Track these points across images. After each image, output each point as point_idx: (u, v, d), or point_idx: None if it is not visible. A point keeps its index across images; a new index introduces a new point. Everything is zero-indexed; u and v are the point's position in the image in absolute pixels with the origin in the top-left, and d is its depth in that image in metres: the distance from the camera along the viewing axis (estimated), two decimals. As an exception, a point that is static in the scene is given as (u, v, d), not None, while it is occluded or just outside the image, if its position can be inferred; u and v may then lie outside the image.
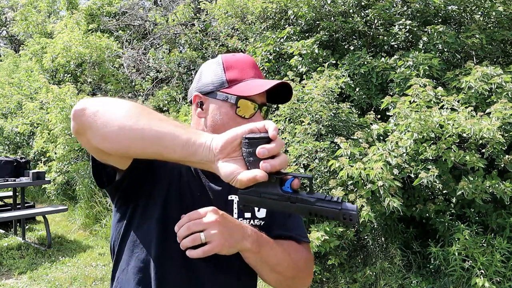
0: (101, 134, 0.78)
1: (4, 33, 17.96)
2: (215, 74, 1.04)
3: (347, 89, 4.26)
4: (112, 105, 0.80)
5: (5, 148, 9.25)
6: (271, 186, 0.71)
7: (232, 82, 1.02)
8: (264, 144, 0.70)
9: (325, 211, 0.67)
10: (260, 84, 1.00)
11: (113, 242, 1.07)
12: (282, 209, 0.71)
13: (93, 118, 0.78)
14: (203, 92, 1.04)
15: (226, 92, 1.01)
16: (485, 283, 2.95)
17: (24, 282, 4.00)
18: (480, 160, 3.14)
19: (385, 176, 3.08)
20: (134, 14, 8.74)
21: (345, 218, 0.66)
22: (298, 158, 3.83)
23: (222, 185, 1.05)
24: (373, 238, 3.84)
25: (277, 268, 1.01)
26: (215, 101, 1.03)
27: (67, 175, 6.76)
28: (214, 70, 1.05)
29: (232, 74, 1.03)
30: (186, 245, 0.90)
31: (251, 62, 1.07)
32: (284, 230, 1.09)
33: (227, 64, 1.04)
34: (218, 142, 0.72)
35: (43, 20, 10.15)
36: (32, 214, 5.09)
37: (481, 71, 3.53)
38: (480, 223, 3.48)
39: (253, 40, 5.51)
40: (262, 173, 0.69)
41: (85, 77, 8.07)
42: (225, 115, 1.01)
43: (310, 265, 1.11)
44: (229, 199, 1.06)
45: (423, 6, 4.72)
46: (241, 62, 1.05)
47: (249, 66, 1.05)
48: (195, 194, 1.02)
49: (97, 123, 0.78)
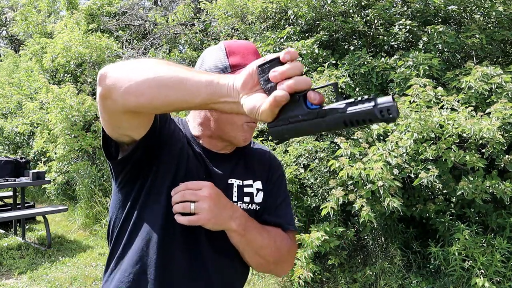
0: (125, 89, 0.77)
1: (4, 33, 17.97)
2: (218, 59, 1.05)
3: (347, 89, 4.26)
4: (133, 63, 0.81)
5: (5, 148, 9.26)
6: (297, 107, 0.64)
7: (235, 67, 1.03)
8: (276, 67, 0.65)
9: (359, 114, 0.59)
10: None
11: (113, 223, 1.07)
12: (316, 129, 0.64)
13: (117, 76, 0.79)
14: None
15: None
16: (485, 283, 2.95)
17: (24, 282, 4.00)
18: (480, 160, 3.14)
19: (385, 176, 3.08)
20: (134, 14, 8.74)
21: (382, 114, 0.58)
22: (298, 158, 3.84)
23: (224, 169, 1.09)
24: (373, 238, 3.84)
25: (260, 252, 1.05)
26: None
27: (67, 175, 6.76)
28: (216, 56, 1.06)
29: (235, 59, 1.04)
30: (176, 210, 0.96)
31: (253, 48, 1.07)
32: (273, 217, 1.13)
33: (230, 49, 1.05)
34: (240, 79, 0.70)
35: (43, 20, 10.14)
36: (32, 214, 5.09)
37: (481, 71, 3.53)
38: (480, 223, 3.48)
39: (253, 40, 5.51)
40: (281, 93, 0.64)
41: (85, 77, 8.06)
42: None
43: (293, 254, 1.16)
44: (229, 182, 1.10)
45: (423, 6, 4.71)
46: (243, 48, 1.06)
47: (251, 52, 1.06)
48: (201, 176, 1.04)
49: (120, 80, 0.78)
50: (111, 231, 1.08)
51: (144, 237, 1.00)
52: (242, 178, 1.12)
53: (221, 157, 1.11)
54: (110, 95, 0.80)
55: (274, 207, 1.15)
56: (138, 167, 1.01)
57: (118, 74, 0.79)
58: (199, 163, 1.07)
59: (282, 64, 0.65)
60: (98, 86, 0.82)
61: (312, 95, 0.64)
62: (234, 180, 1.10)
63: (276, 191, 1.18)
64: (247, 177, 1.13)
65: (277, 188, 1.19)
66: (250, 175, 1.14)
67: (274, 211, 1.14)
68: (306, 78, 0.64)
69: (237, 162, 1.14)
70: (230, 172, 1.11)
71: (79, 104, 6.76)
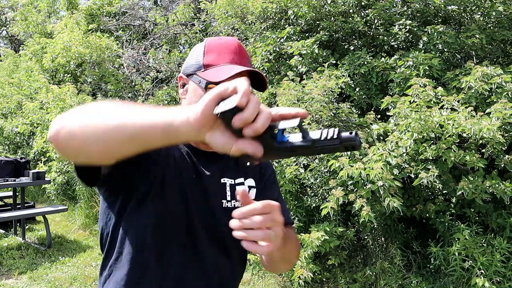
0: (75, 150, 0.73)
1: (4, 33, 17.97)
2: (196, 57, 1.07)
3: (347, 89, 4.26)
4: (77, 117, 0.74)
5: (5, 148, 9.25)
6: (266, 145, 0.66)
7: (207, 66, 1.04)
8: (237, 115, 0.63)
9: (326, 150, 0.64)
10: (228, 70, 1.00)
11: (104, 231, 1.05)
12: (284, 157, 0.69)
13: (66, 138, 0.73)
14: (186, 73, 1.08)
15: (200, 76, 1.04)
16: (485, 283, 2.95)
17: (24, 282, 4.00)
18: (480, 160, 3.14)
19: (385, 176, 3.08)
20: (134, 14, 8.73)
21: (347, 148, 0.64)
22: (298, 158, 3.84)
23: (214, 168, 1.09)
24: (373, 238, 3.84)
25: (288, 257, 1.07)
26: (192, 84, 1.06)
27: (67, 175, 6.75)
28: (197, 53, 1.07)
29: (209, 58, 1.05)
30: (254, 238, 0.78)
31: (233, 47, 1.06)
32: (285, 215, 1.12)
33: (209, 47, 1.06)
34: (196, 116, 0.65)
35: (43, 20, 10.15)
36: (32, 214, 5.09)
37: (481, 71, 3.53)
38: (480, 223, 3.48)
39: (253, 40, 5.51)
40: (250, 146, 0.64)
41: (85, 77, 8.06)
42: (199, 98, 1.00)
43: (299, 248, 1.17)
44: (222, 182, 1.10)
45: (423, 6, 4.72)
46: (221, 47, 1.06)
47: (229, 51, 1.05)
48: (191, 177, 1.04)
49: (69, 142, 0.73)
50: (104, 238, 1.06)
51: (136, 241, 0.99)
52: (234, 177, 1.13)
53: (209, 156, 1.10)
54: (66, 155, 0.77)
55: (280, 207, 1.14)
56: (123, 178, 0.98)
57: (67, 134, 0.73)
58: (187, 163, 1.06)
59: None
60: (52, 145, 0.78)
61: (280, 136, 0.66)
62: (226, 180, 1.11)
63: (270, 186, 1.20)
64: (238, 176, 1.14)
65: (271, 183, 1.21)
66: (241, 173, 1.15)
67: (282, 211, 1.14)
68: (267, 114, 0.64)
69: (227, 160, 1.13)
70: (221, 171, 1.11)
71: (79, 104, 6.76)
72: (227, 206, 1.08)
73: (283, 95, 4.02)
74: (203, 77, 1.02)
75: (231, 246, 1.04)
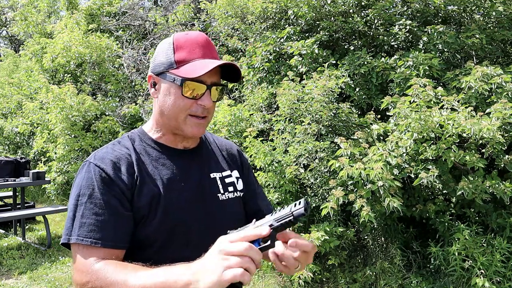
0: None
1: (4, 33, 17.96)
2: (166, 55, 1.07)
3: (347, 89, 4.26)
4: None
5: (5, 148, 9.25)
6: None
7: (180, 63, 1.05)
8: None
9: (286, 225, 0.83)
10: (204, 65, 1.02)
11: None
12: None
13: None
14: (156, 72, 1.08)
15: (174, 73, 1.04)
16: (485, 283, 2.95)
17: (24, 282, 4.00)
18: (480, 160, 3.14)
19: (385, 176, 3.08)
20: (134, 14, 8.73)
21: (298, 219, 0.82)
22: (298, 158, 3.84)
23: (200, 166, 1.14)
24: (373, 238, 3.84)
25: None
26: (165, 82, 1.07)
27: (67, 175, 6.75)
28: (165, 51, 1.07)
29: (180, 55, 1.05)
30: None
31: (202, 41, 1.08)
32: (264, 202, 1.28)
33: (177, 44, 1.06)
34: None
35: (43, 20, 10.13)
36: (32, 214, 5.09)
37: (481, 71, 3.53)
38: (480, 223, 3.48)
39: (253, 40, 5.51)
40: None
41: (85, 77, 8.06)
42: (173, 95, 1.05)
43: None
44: (212, 177, 1.15)
45: (423, 6, 4.71)
46: (190, 42, 1.07)
47: (199, 46, 1.07)
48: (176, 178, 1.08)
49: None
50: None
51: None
52: (220, 170, 1.18)
53: (189, 154, 1.15)
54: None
55: (262, 194, 1.29)
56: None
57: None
58: (171, 174, 1.09)
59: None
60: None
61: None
62: (215, 174, 1.16)
63: (250, 174, 1.29)
64: (223, 169, 1.19)
65: (250, 171, 1.30)
66: (225, 166, 1.21)
67: (261, 197, 1.28)
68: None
69: (208, 156, 1.19)
70: (207, 167, 1.16)
71: (79, 104, 6.76)
72: (222, 199, 1.14)
73: (283, 95, 4.02)
74: (178, 74, 1.03)
75: None
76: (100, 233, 0.96)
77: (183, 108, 1.05)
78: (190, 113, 1.06)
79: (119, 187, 1.00)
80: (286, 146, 3.96)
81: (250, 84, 5.15)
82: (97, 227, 0.96)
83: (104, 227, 0.97)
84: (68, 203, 1.06)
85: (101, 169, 1.01)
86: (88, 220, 0.97)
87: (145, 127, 1.17)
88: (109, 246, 0.96)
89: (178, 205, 1.05)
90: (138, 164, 1.05)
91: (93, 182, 1.00)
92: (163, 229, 1.02)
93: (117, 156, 1.05)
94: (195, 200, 1.08)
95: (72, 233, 0.97)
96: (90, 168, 1.02)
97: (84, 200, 0.99)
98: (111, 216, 0.98)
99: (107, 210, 0.98)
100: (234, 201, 1.17)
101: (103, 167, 1.02)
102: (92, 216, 0.97)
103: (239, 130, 4.49)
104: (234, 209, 1.16)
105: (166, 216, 1.02)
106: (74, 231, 0.97)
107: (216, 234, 1.08)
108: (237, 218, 1.16)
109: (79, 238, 0.96)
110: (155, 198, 1.03)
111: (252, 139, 4.04)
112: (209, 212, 1.10)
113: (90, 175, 1.01)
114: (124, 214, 1.00)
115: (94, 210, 0.98)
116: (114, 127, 6.95)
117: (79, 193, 1.00)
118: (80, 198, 0.99)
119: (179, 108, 1.05)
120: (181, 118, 1.06)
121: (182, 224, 1.05)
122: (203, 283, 0.78)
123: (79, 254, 0.95)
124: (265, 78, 5.02)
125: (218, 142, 1.27)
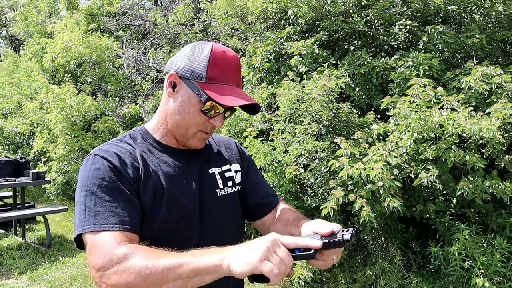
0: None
1: (4, 33, 17.96)
2: (198, 64, 1.04)
3: (347, 89, 4.26)
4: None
5: (5, 148, 9.26)
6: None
7: (210, 80, 1.04)
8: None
9: (333, 245, 0.93)
10: (232, 98, 1.03)
11: None
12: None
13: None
14: (181, 74, 1.06)
15: (201, 87, 1.03)
16: (485, 283, 2.95)
17: (24, 282, 4.00)
18: (480, 160, 3.14)
19: (385, 176, 3.08)
20: (134, 14, 8.73)
21: (344, 244, 0.94)
22: (298, 158, 3.83)
23: (200, 163, 1.16)
24: (373, 238, 3.84)
25: None
26: (187, 89, 1.05)
27: (67, 175, 6.75)
28: (199, 59, 1.05)
29: (213, 73, 1.04)
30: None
31: (235, 65, 1.08)
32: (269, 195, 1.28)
33: (213, 59, 1.04)
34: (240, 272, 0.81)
35: (43, 20, 10.14)
36: (32, 214, 5.09)
37: (481, 71, 3.53)
38: (480, 223, 3.48)
39: (253, 40, 5.51)
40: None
41: (85, 77, 8.06)
42: (191, 106, 1.06)
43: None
44: (211, 172, 1.17)
45: (423, 6, 4.71)
46: (227, 63, 1.06)
47: (233, 70, 1.07)
48: (177, 176, 1.09)
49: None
50: None
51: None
52: (220, 165, 1.20)
53: (191, 152, 1.16)
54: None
55: (264, 186, 1.30)
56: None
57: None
58: (174, 170, 1.10)
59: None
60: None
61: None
62: (214, 169, 1.17)
63: (252, 167, 1.30)
64: (223, 163, 1.21)
65: (252, 163, 1.32)
66: (224, 160, 1.23)
67: (266, 190, 1.29)
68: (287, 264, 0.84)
69: (208, 152, 1.21)
70: (207, 163, 1.18)
71: (79, 104, 6.76)
72: (221, 195, 1.15)
73: (283, 95, 4.01)
74: (206, 91, 1.03)
75: (228, 233, 1.14)
76: (117, 218, 0.94)
77: (197, 122, 1.07)
78: (200, 128, 1.09)
79: (126, 178, 1.00)
80: (286, 146, 3.96)
81: (250, 84, 5.15)
82: (112, 212, 0.94)
83: (119, 213, 0.95)
84: (75, 198, 1.03)
85: (108, 161, 1.00)
86: (102, 208, 0.94)
87: (147, 126, 1.17)
88: (128, 229, 0.94)
89: (180, 202, 1.06)
90: (142, 159, 1.06)
91: (101, 171, 0.98)
92: (167, 226, 1.03)
93: (121, 151, 1.05)
94: (196, 197, 1.10)
95: (87, 223, 0.94)
96: (97, 159, 1.01)
97: (94, 190, 0.96)
98: (125, 203, 0.97)
99: (120, 196, 0.97)
100: (232, 196, 1.19)
101: (110, 159, 1.01)
102: (106, 203, 0.95)
103: (239, 130, 4.49)
104: (231, 204, 1.19)
105: (169, 213, 1.03)
106: (89, 220, 0.94)
107: (215, 230, 1.11)
108: (234, 213, 1.19)
109: (96, 226, 0.93)
110: (158, 192, 1.03)
111: (252, 139, 4.04)
112: (208, 208, 1.11)
113: (98, 166, 0.99)
114: (135, 201, 0.99)
115: (107, 197, 0.96)
116: (114, 127, 6.95)
117: (88, 184, 0.98)
118: (89, 189, 0.97)
119: (194, 121, 1.07)
120: (192, 131, 1.09)
121: (185, 220, 1.06)
122: (238, 258, 0.81)
123: (97, 240, 0.92)
124: (265, 78, 5.02)
125: (215, 138, 1.30)
